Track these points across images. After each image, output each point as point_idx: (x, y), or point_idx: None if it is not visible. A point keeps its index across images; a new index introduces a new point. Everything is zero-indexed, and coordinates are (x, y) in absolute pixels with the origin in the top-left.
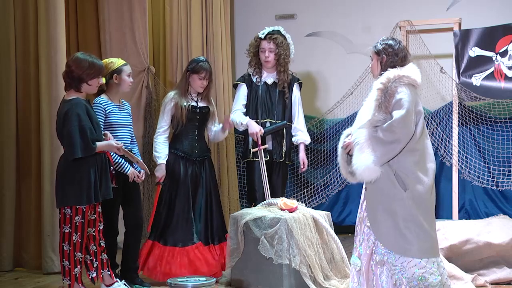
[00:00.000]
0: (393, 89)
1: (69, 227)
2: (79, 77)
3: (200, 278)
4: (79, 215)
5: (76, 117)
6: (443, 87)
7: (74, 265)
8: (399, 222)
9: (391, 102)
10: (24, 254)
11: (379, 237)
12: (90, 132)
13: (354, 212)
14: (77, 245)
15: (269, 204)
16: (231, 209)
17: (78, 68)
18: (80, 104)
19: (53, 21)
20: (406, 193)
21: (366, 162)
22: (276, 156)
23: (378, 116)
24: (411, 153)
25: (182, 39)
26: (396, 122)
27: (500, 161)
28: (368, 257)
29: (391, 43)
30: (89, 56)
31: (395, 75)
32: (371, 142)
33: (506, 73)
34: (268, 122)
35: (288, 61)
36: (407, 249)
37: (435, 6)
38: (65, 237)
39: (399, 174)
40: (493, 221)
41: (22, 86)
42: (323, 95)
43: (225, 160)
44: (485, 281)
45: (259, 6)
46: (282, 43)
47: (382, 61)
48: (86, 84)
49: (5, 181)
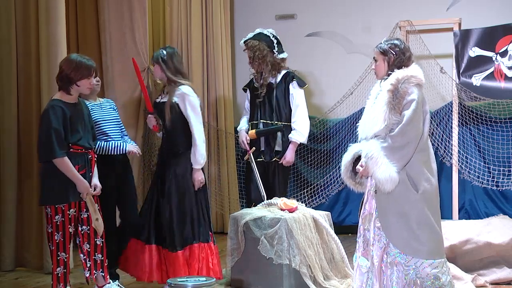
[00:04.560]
0: (404, 89)
1: (51, 226)
2: (68, 77)
3: (200, 278)
4: (59, 214)
5: (46, 119)
6: (443, 87)
7: (57, 265)
8: (412, 224)
9: (402, 103)
10: (26, 254)
11: (391, 239)
12: (57, 136)
13: (354, 212)
14: (60, 244)
15: (269, 204)
16: (231, 209)
17: (67, 68)
18: (54, 106)
19: (53, 20)
20: (418, 194)
21: (389, 174)
22: (267, 156)
23: (393, 119)
24: (421, 153)
25: (182, 39)
26: (405, 125)
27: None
28: (380, 258)
29: (397, 42)
30: (80, 57)
31: (403, 76)
32: (384, 153)
33: (506, 73)
34: (261, 123)
35: (264, 62)
36: (420, 250)
37: (435, 6)
38: (49, 237)
39: (411, 175)
40: (493, 221)
41: (23, 86)
42: (323, 95)
43: (225, 160)
44: (485, 281)
45: (259, 6)
46: (254, 45)
47: (390, 60)
48: (75, 85)
49: (6, 181)
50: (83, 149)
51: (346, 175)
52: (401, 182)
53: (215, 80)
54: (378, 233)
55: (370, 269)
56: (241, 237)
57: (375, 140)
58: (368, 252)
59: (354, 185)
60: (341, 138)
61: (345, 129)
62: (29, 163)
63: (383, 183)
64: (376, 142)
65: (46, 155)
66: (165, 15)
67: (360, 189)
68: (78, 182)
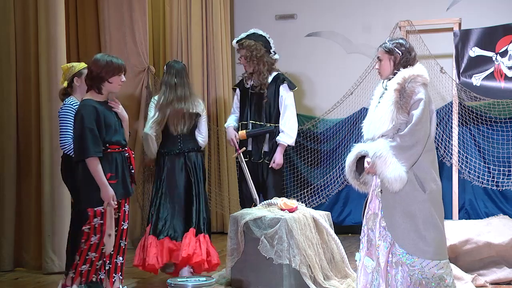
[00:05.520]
0: (411, 89)
1: (88, 228)
2: (99, 76)
3: (200, 278)
4: (97, 216)
5: (79, 119)
6: (443, 87)
7: (83, 263)
8: (418, 225)
9: (409, 102)
10: (25, 254)
11: (397, 239)
12: (92, 135)
13: (354, 212)
14: (93, 246)
15: (269, 204)
16: (231, 209)
17: (97, 67)
18: (87, 105)
19: (53, 21)
20: (426, 194)
21: (398, 173)
22: (255, 157)
23: (401, 118)
24: (428, 152)
25: (182, 39)
26: (415, 124)
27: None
28: (386, 258)
29: (402, 42)
30: (107, 56)
31: (410, 75)
32: (393, 152)
33: (506, 73)
34: (250, 124)
35: (261, 61)
36: (427, 251)
37: (435, 6)
38: (84, 236)
39: (418, 175)
40: (493, 221)
41: (22, 86)
42: (323, 95)
43: (225, 160)
44: (485, 281)
45: (259, 6)
46: (250, 45)
47: (396, 59)
48: (107, 83)
49: (5, 181)
50: (120, 147)
51: (350, 175)
52: (408, 182)
53: (215, 80)
54: (383, 233)
55: (375, 269)
56: (241, 237)
57: (383, 139)
58: (372, 252)
59: (358, 185)
60: (341, 138)
61: (345, 129)
62: (28, 163)
63: (391, 182)
64: (384, 141)
65: (80, 154)
66: (165, 15)
67: (364, 189)
68: (104, 188)
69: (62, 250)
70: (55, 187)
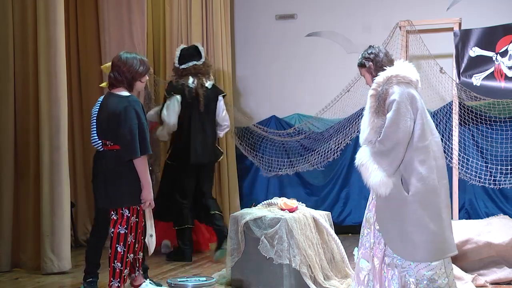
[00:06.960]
0: (385, 91)
1: (125, 228)
2: (133, 76)
3: (200, 278)
4: (134, 215)
5: (134, 114)
6: (443, 87)
7: (125, 266)
8: (406, 227)
9: (385, 105)
10: (22, 255)
11: (388, 242)
12: (147, 132)
13: (354, 212)
14: (131, 246)
15: (269, 204)
16: (231, 209)
17: (130, 66)
18: (138, 102)
19: (52, 21)
20: (410, 195)
21: (379, 179)
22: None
23: (378, 122)
24: (417, 151)
25: (182, 39)
26: (388, 127)
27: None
28: (380, 260)
29: (369, 50)
30: (136, 54)
31: (384, 78)
32: (374, 158)
33: (506, 73)
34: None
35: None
36: (415, 253)
37: (435, 6)
38: (120, 238)
39: (404, 176)
40: (493, 221)
41: (20, 86)
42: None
43: (225, 160)
44: (485, 281)
45: (259, 6)
46: None
47: (371, 68)
48: (139, 82)
49: (3, 181)
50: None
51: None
52: (395, 185)
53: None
54: (378, 236)
55: (370, 270)
56: (241, 237)
57: (365, 147)
58: (368, 253)
59: None
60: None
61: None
62: (26, 163)
63: (376, 188)
64: (366, 148)
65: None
66: (165, 15)
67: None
68: (147, 187)
69: (62, 251)
70: (54, 187)
